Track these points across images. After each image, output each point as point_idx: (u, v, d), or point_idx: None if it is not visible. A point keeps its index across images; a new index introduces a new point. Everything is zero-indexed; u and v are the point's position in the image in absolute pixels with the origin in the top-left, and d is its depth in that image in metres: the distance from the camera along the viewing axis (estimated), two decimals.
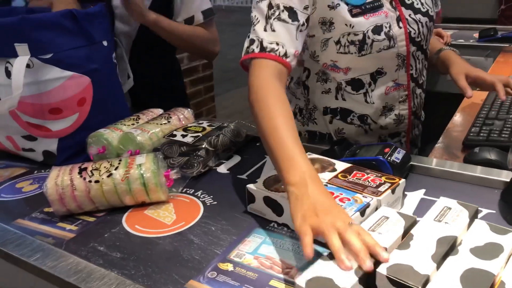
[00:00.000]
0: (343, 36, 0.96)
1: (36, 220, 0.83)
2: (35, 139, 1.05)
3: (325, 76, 1.05)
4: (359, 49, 0.96)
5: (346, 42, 0.96)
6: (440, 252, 0.56)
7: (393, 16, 0.98)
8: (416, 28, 1.01)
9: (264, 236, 0.73)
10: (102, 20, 1.10)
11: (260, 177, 0.92)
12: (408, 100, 1.07)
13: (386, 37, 0.96)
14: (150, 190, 0.81)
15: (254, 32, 0.90)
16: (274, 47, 0.87)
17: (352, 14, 0.94)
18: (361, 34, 0.95)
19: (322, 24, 0.96)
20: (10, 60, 0.98)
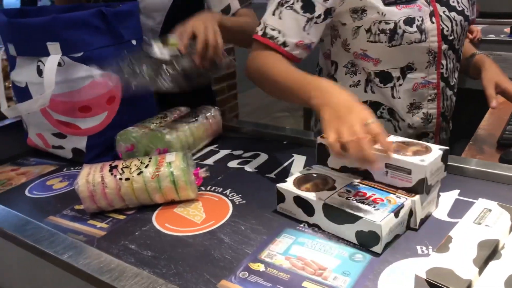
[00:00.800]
0: (374, 24, 0.95)
1: (67, 217, 0.84)
2: (64, 136, 1.07)
3: (353, 68, 1.04)
4: (390, 39, 0.95)
5: (376, 30, 0.95)
6: (482, 256, 0.54)
7: (427, 11, 0.96)
8: (449, 25, 0.99)
9: (295, 237, 0.72)
10: (132, 19, 1.10)
11: (288, 176, 0.91)
12: (437, 99, 1.05)
13: (417, 30, 0.95)
14: (180, 188, 0.81)
15: (265, 14, 0.95)
16: (274, 35, 0.91)
17: (384, 3, 0.93)
18: (393, 23, 0.94)
19: (353, 13, 0.96)
20: (42, 59, 0.99)
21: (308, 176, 0.80)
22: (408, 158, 0.72)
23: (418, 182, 0.71)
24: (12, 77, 1.07)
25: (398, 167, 0.73)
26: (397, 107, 1.04)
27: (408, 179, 0.72)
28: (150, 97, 1.19)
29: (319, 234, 0.72)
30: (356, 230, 0.69)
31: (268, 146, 1.07)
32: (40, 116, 1.05)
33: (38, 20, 0.97)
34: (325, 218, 0.72)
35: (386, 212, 0.68)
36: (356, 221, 0.68)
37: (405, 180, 0.73)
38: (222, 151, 1.08)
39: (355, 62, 1.04)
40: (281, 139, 1.09)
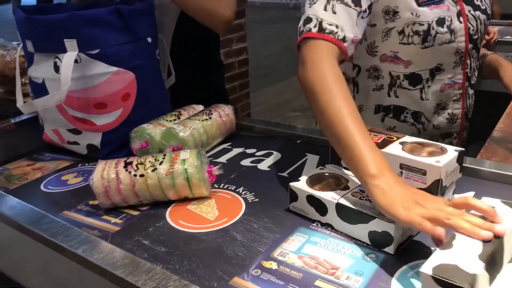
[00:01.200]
0: (407, 26, 0.94)
1: (81, 212, 0.85)
2: (80, 132, 1.08)
3: (376, 72, 1.04)
4: (423, 40, 0.95)
5: (410, 32, 0.95)
6: (487, 251, 0.53)
7: (454, 11, 0.97)
8: (474, 24, 0.99)
9: (308, 236, 0.72)
10: (147, 17, 1.11)
11: (301, 175, 0.91)
12: (462, 99, 1.04)
13: (448, 30, 0.96)
14: (194, 185, 0.81)
15: (311, 10, 0.85)
16: (333, 29, 0.82)
17: (418, 3, 0.93)
18: (426, 24, 0.94)
19: (386, 13, 0.95)
20: (59, 56, 1.01)
21: (322, 176, 0.80)
22: (423, 159, 0.72)
23: (433, 183, 0.71)
24: (29, 73, 1.08)
25: (413, 167, 0.73)
26: (423, 108, 1.04)
27: (423, 180, 0.72)
28: (164, 94, 1.20)
29: (332, 234, 0.72)
30: (369, 230, 0.69)
31: (281, 145, 1.07)
32: (56, 112, 1.07)
33: (56, 17, 0.98)
34: (338, 217, 0.72)
35: None
36: (370, 221, 0.68)
37: (420, 181, 0.72)
38: (235, 149, 1.08)
39: (379, 67, 1.03)
40: (294, 138, 1.09)
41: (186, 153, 0.84)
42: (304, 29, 0.84)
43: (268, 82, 5.17)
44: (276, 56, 6.32)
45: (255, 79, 4.64)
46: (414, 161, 0.72)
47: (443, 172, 0.70)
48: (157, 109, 1.13)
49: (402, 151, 0.75)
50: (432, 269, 0.52)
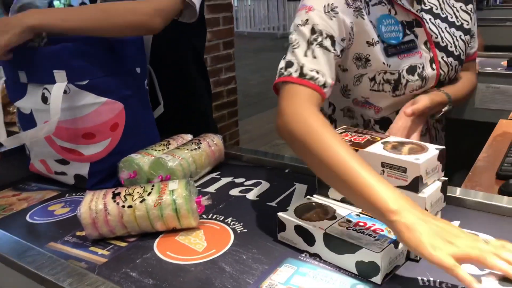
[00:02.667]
0: (378, 74, 0.95)
1: (68, 244, 0.84)
2: (67, 163, 1.08)
3: (350, 113, 1.06)
4: (393, 89, 0.96)
5: (381, 80, 0.95)
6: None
7: (427, 57, 0.98)
8: (446, 70, 1.01)
9: (296, 266, 0.72)
10: (136, 48, 1.13)
11: (290, 205, 0.92)
12: (428, 134, 1.07)
13: (419, 77, 0.96)
14: (182, 216, 0.81)
15: (293, 54, 0.84)
16: (314, 75, 0.81)
17: (387, 54, 0.94)
18: (397, 74, 0.95)
19: (357, 60, 0.95)
20: (47, 86, 1.01)
21: (309, 206, 0.81)
22: (403, 157, 0.72)
23: (413, 181, 0.71)
24: (18, 104, 1.08)
25: (394, 165, 0.73)
26: None
27: (403, 178, 0.72)
28: (153, 124, 1.21)
29: (320, 264, 0.72)
30: (356, 260, 0.69)
31: (269, 174, 1.08)
32: (44, 143, 1.06)
33: (48, 49, 0.99)
34: (325, 247, 0.73)
35: (386, 243, 0.68)
36: (356, 251, 0.68)
37: (401, 178, 0.72)
38: (223, 179, 1.09)
39: (352, 108, 1.05)
40: (282, 167, 1.10)
41: (174, 184, 0.84)
42: (285, 72, 0.83)
43: (256, 110, 5.21)
44: (264, 84, 6.39)
45: (244, 107, 4.68)
46: (394, 159, 0.72)
47: (423, 169, 0.70)
48: (145, 139, 1.13)
49: (383, 150, 0.75)
50: None
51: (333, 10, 0.86)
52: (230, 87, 3.04)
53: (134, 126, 1.09)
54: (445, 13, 1.01)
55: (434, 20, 0.99)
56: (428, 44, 0.97)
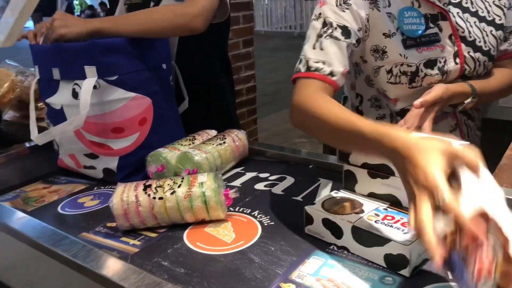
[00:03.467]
0: (395, 66, 0.95)
1: (100, 234, 0.87)
2: (96, 157, 1.10)
3: (378, 102, 1.05)
4: (410, 81, 0.96)
5: (398, 72, 0.95)
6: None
7: (451, 51, 0.96)
8: (472, 66, 0.98)
9: (325, 259, 0.73)
10: (162, 45, 1.15)
11: (315, 199, 0.93)
12: (458, 129, 1.05)
13: (439, 72, 0.95)
14: (211, 208, 0.83)
15: (302, 51, 0.91)
16: (319, 66, 0.86)
17: (405, 45, 0.93)
18: (414, 66, 0.94)
19: (374, 52, 0.96)
20: (77, 82, 1.04)
21: (336, 199, 0.82)
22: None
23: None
24: (49, 100, 1.11)
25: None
26: None
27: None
28: (178, 119, 1.23)
29: (348, 257, 0.73)
30: (385, 253, 0.70)
31: (293, 170, 1.09)
32: (74, 138, 1.09)
33: (78, 45, 1.02)
34: (353, 240, 0.74)
35: (415, 236, 0.69)
36: (385, 244, 0.69)
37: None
38: (248, 173, 1.10)
39: (379, 97, 1.05)
40: (306, 163, 1.11)
41: (203, 176, 0.86)
42: (295, 70, 0.90)
43: (273, 109, 5.22)
44: (281, 83, 6.40)
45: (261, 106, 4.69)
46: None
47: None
48: (171, 134, 1.15)
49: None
50: None
51: (345, 3, 0.90)
52: (250, 85, 3.06)
53: (161, 121, 1.11)
54: (476, 7, 1.00)
55: (462, 14, 0.98)
56: (453, 37, 0.97)
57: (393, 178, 0.78)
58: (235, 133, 1.16)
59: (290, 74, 0.92)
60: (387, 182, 0.80)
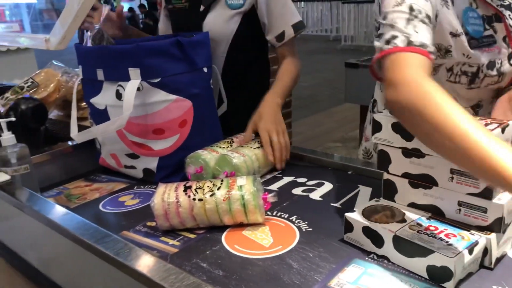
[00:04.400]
0: (457, 65, 0.94)
1: (140, 233, 0.89)
2: (137, 157, 1.13)
3: None
4: (470, 82, 0.95)
5: (458, 71, 0.95)
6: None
7: (505, 53, 0.95)
8: None
9: (364, 267, 0.72)
10: (204, 48, 1.17)
11: (355, 206, 0.92)
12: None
13: (497, 73, 0.95)
14: (249, 211, 0.83)
15: (395, 29, 0.78)
16: (424, 43, 0.76)
17: (470, 46, 0.92)
18: (476, 67, 0.94)
19: (438, 50, 0.92)
20: (121, 84, 1.06)
21: (377, 207, 0.81)
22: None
23: (495, 221, 0.70)
24: (93, 100, 1.14)
25: (473, 205, 0.72)
26: None
27: (483, 218, 0.71)
28: (217, 122, 1.24)
29: (389, 266, 0.72)
30: (428, 264, 0.68)
31: (332, 176, 1.08)
32: (116, 138, 1.12)
33: (123, 47, 1.04)
34: (395, 250, 0.72)
35: (459, 248, 0.67)
36: (428, 255, 0.67)
37: (480, 218, 0.71)
38: (285, 178, 1.10)
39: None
40: (345, 169, 1.10)
41: (243, 180, 0.86)
42: (384, 47, 0.77)
43: (308, 113, 5.20)
44: (316, 87, 6.37)
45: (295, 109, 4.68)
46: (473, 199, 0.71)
47: (505, 210, 0.69)
48: (210, 136, 1.17)
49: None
50: None
51: None
52: None
53: (201, 123, 1.13)
54: None
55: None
56: (507, 39, 0.95)
57: (436, 188, 0.76)
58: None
59: (325, 77, 0.90)
60: (430, 192, 0.78)
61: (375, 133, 0.81)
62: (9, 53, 3.39)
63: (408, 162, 0.78)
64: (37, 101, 1.36)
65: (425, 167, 0.76)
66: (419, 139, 0.72)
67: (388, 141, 0.79)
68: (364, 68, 2.54)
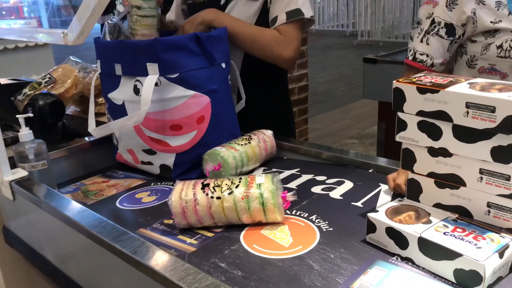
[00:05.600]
0: (506, 41, 1.03)
1: (157, 231, 0.87)
2: (154, 153, 1.12)
3: None
4: None
5: (508, 47, 1.03)
6: None
7: None
8: None
9: (388, 270, 0.69)
10: (222, 44, 1.15)
11: (376, 205, 0.89)
12: None
13: None
14: (268, 210, 0.81)
15: (413, 42, 1.11)
16: (423, 59, 1.08)
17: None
18: None
19: (485, 33, 1.05)
20: (139, 79, 1.05)
21: (401, 208, 0.78)
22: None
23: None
24: (111, 95, 1.14)
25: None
26: None
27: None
28: (235, 118, 1.22)
29: (413, 269, 0.69)
30: (455, 268, 0.65)
31: (352, 174, 1.05)
32: (134, 133, 1.11)
33: (142, 42, 1.03)
34: (420, 252, 0.69)
35: (489, 251, 0.64)
36: (456, 258, 0.65)
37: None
38: (304, 176, 1.08)
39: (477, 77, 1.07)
40: (366, 167, 1.07)
41: (261, 178, 0.84)
42: (408, 56, 1.12)
43: (324, 108, 5.15)
44: (332, 82, 6.31)
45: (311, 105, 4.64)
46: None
47: None
48: (228, 132, 1.15)
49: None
50: None
51: (453, 3, 1.05)
52: (302, 84, 3.02)
53: (219, 119, 1.11)
54: None
55: None
56: None
57: (464, 189, 0.73)
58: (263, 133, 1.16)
59: (341, 73, 0.95)
60: (457, 192, 0.75)
61: (400, 132, 0.78)
62: (27, 49, 3.42)
63: (434, 162, 0.75)
64: (55, 97, 1.36)
65: (452, 166, 0.73)
66: None
67: (414, 140, 0.76)
68: (382, 64, 2.49)
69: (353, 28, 10.91)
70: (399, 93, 0.76)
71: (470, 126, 0.68)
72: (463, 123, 0.68)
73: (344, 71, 6.72)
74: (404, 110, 0.76)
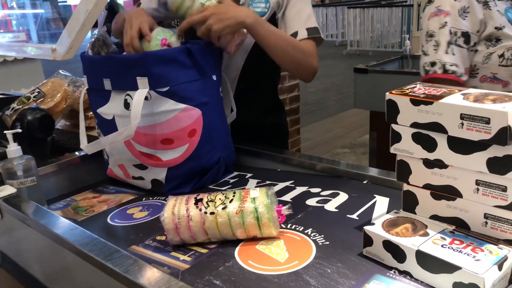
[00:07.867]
0: (507, 50, 1.08)
1: (149, 247, 0.85)
2: (145, 168, 1.10)
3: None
4: None
5: (509, 56, 1.06)
6: None
7: None
8: None
9: (386, 284, 0.68)
10: (213, 55, 1.14)
11: (372, 217, 0.88)
12: None
13: None
14: (263, 224, 0.80)
15: (437, 55, 1.11)
16: (455, 70, 1.10)
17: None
18: None
19: (487, 40, 1.10)
20: (129, 93, 1.04)
21: (397, 220, 0.77)
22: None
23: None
24: (101, 110, 1.12)
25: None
26: None
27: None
28: (227, 130, 1.21)
29: (412, 283, 0.68)
30: (454, 281, 0.64)
31: (347, 185, 1.04)
32: (124, 148, 1.09)
33: (131, 56, 1.02)
34: (418, 265, 0.68)
35: (488, 264, 0.63)
36: (455, 271, 0.64)
37: (509, 232, 0.67)
38: (298, 188, 1.06)
39: (478, 87, 1.13)
40: (360, 178, 1.06)
41: (256, 192, 0.83)
42: (430, 70, 1.12)
43: (315, 118, 5.16)
44: (323, 92, 6.33)
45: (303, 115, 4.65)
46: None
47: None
48: (220, 145, 1.14)
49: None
50: None
51: (465, 12, 1.08)
52: (293, 95, 3.03)
53: (210, 132, 1.10)
54: None
55: None
56: None
57: (460, 200, 0.73)
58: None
59: (332, 82, 0.94)
60: (453, 204, 0.74)
61: (394, 144, 0.77)
62: (16, 62, 3.39)
63: (430, 173, 0.74)
64: (44, 112, 1.33)
65: (448, 178, 0.72)
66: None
67: (408, 152, 0.75)
68: (373, 74, 2.51)
69: (342, 38, 11.00)
70: (392, 105, 0.75)
71: (465, 137, 0.67)
72: (458, 135, 0.68)
73: (334, 81, 6.75)
74: (398, 122, 0.75)
